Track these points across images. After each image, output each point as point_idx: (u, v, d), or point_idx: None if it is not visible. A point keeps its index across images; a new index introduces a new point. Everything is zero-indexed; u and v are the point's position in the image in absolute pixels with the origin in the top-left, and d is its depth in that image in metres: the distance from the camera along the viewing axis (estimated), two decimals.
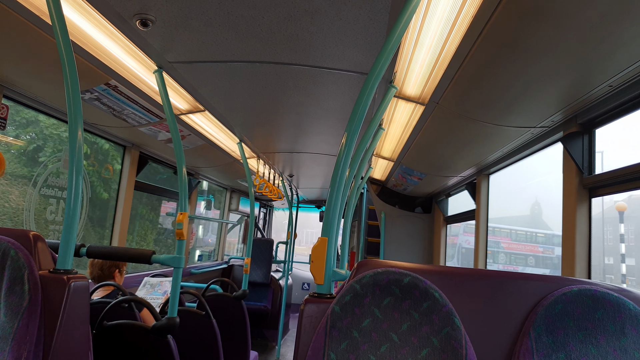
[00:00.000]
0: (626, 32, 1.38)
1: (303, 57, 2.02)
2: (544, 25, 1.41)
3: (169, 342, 2.03)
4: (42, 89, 2.46)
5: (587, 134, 2.12)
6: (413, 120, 2.72)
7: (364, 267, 1.24)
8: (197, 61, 2.12)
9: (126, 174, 3.64)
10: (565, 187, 2.20)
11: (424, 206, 5.17)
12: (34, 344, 1.31)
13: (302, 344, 1.19)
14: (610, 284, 1.23)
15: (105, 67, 2.14)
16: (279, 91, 2.48)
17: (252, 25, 1.76)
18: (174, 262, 2.09)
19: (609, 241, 16.21)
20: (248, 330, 3.41)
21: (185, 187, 2.28)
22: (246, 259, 3.77)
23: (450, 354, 1.11)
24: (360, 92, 1.34)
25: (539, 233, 18.45)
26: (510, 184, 13.59)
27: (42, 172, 2.97)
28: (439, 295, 1.15)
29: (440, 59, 1.89)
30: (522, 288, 1.23)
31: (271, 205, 8.84)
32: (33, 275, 1.37)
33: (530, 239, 18.07)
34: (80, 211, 1.57)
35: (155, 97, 2.60)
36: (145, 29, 1.78)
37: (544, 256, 17.75)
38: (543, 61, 1.62)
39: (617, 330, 1.13)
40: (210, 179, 5.50)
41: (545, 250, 17.78)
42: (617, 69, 1.61)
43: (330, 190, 1.37)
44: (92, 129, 3.15)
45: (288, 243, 6.03)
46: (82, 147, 1.54)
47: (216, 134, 3.49)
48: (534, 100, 1.96)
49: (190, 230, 5.32)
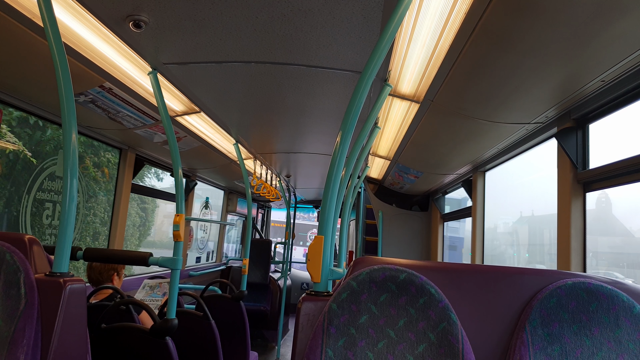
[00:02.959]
0: (617, 27, 1.39)
1: (297, 56, 2.02)
2: (536, 21, 1.42)
3: (167, 344, 2.02)
4: (35, 92, 2.45)
5: (580, 129, 2.13)
6: (408, 119, 2.72)
7: (360, 264, 1.24)
8: (192, 62, 2.12)
9: (122, 176, 3.63)
10: (560, 182, 2.21)
11: (420, 204, 5.19)
12: (31, 347, 1.30)
13: (300, 342, 1.19)
14: (604, 277, 1.24)
15: (99, 69, 2.14)
16: (274, 91, 2.48)
17: (245, 25, 1.76)
18: (172, 264, 2.09)
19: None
20: (247, 331, 3.41)
21: (182, 189, 2.28)
22: (244, 260, 3.77)
23: (447, 349, 1.11)
24: (355, 91, 1.35)
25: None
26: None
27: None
28: (435, 291, 1.15)
29: (434, 57, 1.90)
30: (518, 282, 1.23)
31: (269, 206, 8.83)
32: (29, 278, 1.37)
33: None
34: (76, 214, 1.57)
35: (150, 99, 2.60)
36: (139, 31, 1.78)
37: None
38: (536, 57, 1.63)
39: (611, 322, 1.14)
40: (207, 180, 5.49)
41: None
42: (608, 64, 1.62)
43: (326, 189, 1.37)
44: (87, 132, 3.14)
45: (286, 243, 6.03)
46: (76, 151, 1.54)
47: (212, 135, 3.49)
48: (528, 96, 1.97)
49: (188, 232, 5.31)
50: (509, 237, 5.72)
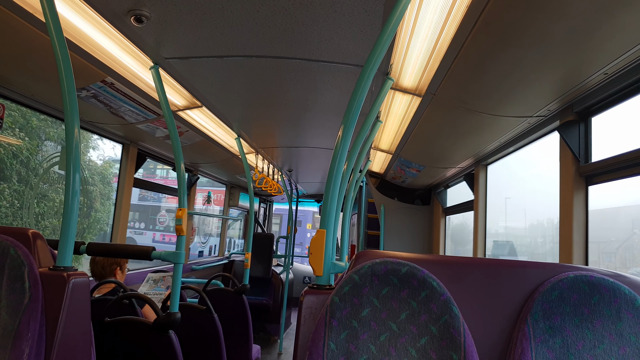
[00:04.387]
0: (620, 19, 1.39)
1: (299, 50, 2.01)
2: (538, 14, 1.41)
3: (171, 338, 2.04)
4: (38, 87, 2.45)
5: (583, 122, 2.12)
6: (410, 112, 2.72)
7: (362, 257, 1.25)
8: (193, 57, 2.12)
9: (125, 171, 3.64)
10: (562, 175, 2.21)
11: (422, 198, 5.18)
12: (35, 340, 1.32)
13: (302, 335, 1.20)
14: (606, 270, 1.24)
15: (101, 64, 2.14)
16: (276, 85, 2.48)
17: (247, 19, 1.75)
18: (174, 258, 2.10)
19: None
20: (250, 324, 3.42)
21: (184, 184, 2.28)
22: (247, 254, 3.79)
23: (449, 341, 1.12)
24: (357, 84, 1.34)
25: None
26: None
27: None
28: (436, 284, 1.16)
29: (436, 50, 1.89)
30: (519, 275, 1.24)
31: (271, 200, 8.84)
32: (33, 272, 1.38)
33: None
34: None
35: (152, 94, 2.60)
36: (140, 25, 1.78)
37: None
38: (539, 50, 1.62)
39: (613, 314, 1.14)
40: (209, 174, 5.50)
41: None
42: (611, 56, 1.61)
43: (327, 182, 1.37)
44: (89, 127, 3.15)
45: (288, 237, 6.05)
46: (79, 145, 1.54)
47: (214, 130, 3.49)
48: (530, 89, 1.96)
49: (191, 227, 5.33)
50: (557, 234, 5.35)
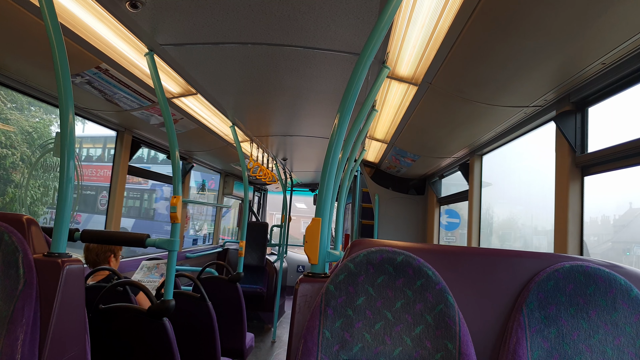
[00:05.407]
0: (618, 9, 1.38)
1: (295, 38, 2.00)
2: (536, 2, 1.40)
3: (165, 325, 2.04)
4: (32, 73, 2.42)
5: (579, 113, 2.12)
6: (406, 101, 2.71)
7: (357, 246, 1.25)
8: (189, 43, 2.09)
9: (119, 158, 3.62)
10: (558, 165, 2.22)
11: (417, 188, 5.19)
12: (30, 326, 1.31)
13: (297, 323, 1.20)
14: (601, 260, 1.25)
15: (95, 50, 2.11)
16: (272, 73, 2.46)
17: (243, 6, 1.73)
18: (169, 245, 2.10)
19: None
20: (244, 312, 3.43)
21: (179, 171, 2.27)
22: (241, 242, 3.79)
23: (444, 330, 1.12)
24: (352, 73, 1.33)
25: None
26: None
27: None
28: (432, 273, 1.16)
29: (432, 38, 1.88)
30: (515, 265, 1.24)
31: (265, 189, 8.83)
32: (27, 258, 1.37)
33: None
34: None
35: (147, 81, 2.58)
36: (135, 11, 1.75)
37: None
38: (536, 39, 1.61)
39: (609, 305, 1.15)
40: (204, 163, 5.48)
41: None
42: (609, 46, 1.61)
43: (323, 171, 1.37)
44: (84, 114, 3.12)
45: (282, 226, 6.05)
46: (73, 131, 1.53)
47: (209, 118, 3.47)
48: (526, 79, 1.96)
49: (185, 215, 5.32)
50: (615, 232, 4.96)
